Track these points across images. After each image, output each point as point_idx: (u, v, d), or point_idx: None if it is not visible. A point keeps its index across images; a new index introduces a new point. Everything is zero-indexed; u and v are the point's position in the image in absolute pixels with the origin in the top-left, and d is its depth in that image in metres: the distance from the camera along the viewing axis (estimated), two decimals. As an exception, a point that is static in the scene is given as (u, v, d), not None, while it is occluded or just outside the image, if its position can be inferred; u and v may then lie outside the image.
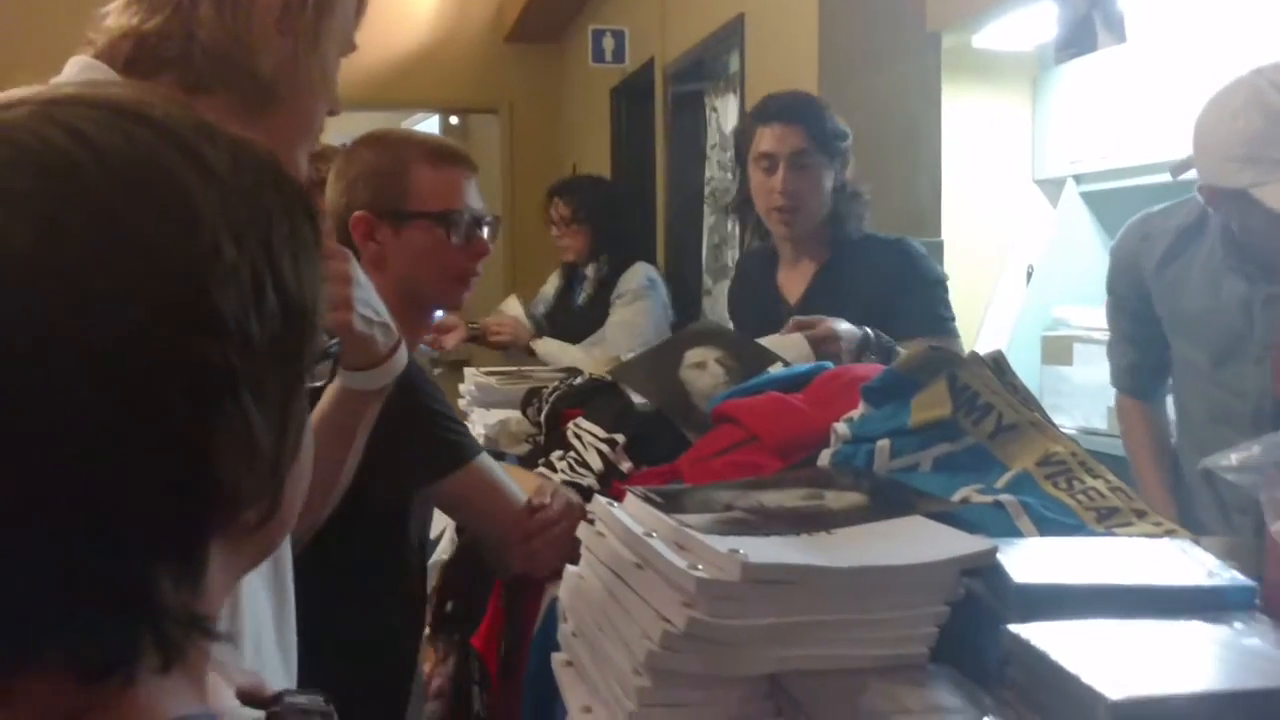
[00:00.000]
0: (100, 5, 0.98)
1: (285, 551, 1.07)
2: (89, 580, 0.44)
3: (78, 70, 0.94)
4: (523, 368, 2.73)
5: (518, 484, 1.53)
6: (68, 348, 0.44)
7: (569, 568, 1.15)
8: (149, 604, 0.46)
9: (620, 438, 1.66)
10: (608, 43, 4.54)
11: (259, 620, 1.00)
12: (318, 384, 0.59)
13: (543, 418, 1.91)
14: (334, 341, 0.57)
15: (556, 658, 1.11)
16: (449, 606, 1.85)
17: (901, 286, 2.11)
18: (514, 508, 1.48)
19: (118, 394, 0.44)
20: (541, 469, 1.72)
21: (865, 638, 0.89)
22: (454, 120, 6.26)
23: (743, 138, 2.25)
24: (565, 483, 1.64)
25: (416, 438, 1.42)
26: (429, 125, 6.20)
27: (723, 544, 0.90)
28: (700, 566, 0.87)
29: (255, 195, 0.51)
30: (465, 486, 1.47)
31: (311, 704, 0.87)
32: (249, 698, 0.83)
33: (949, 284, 2.21)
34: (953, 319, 2.17)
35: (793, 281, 2.25)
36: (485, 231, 1.60)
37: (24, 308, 0.43)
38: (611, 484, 1.60)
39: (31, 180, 0.45)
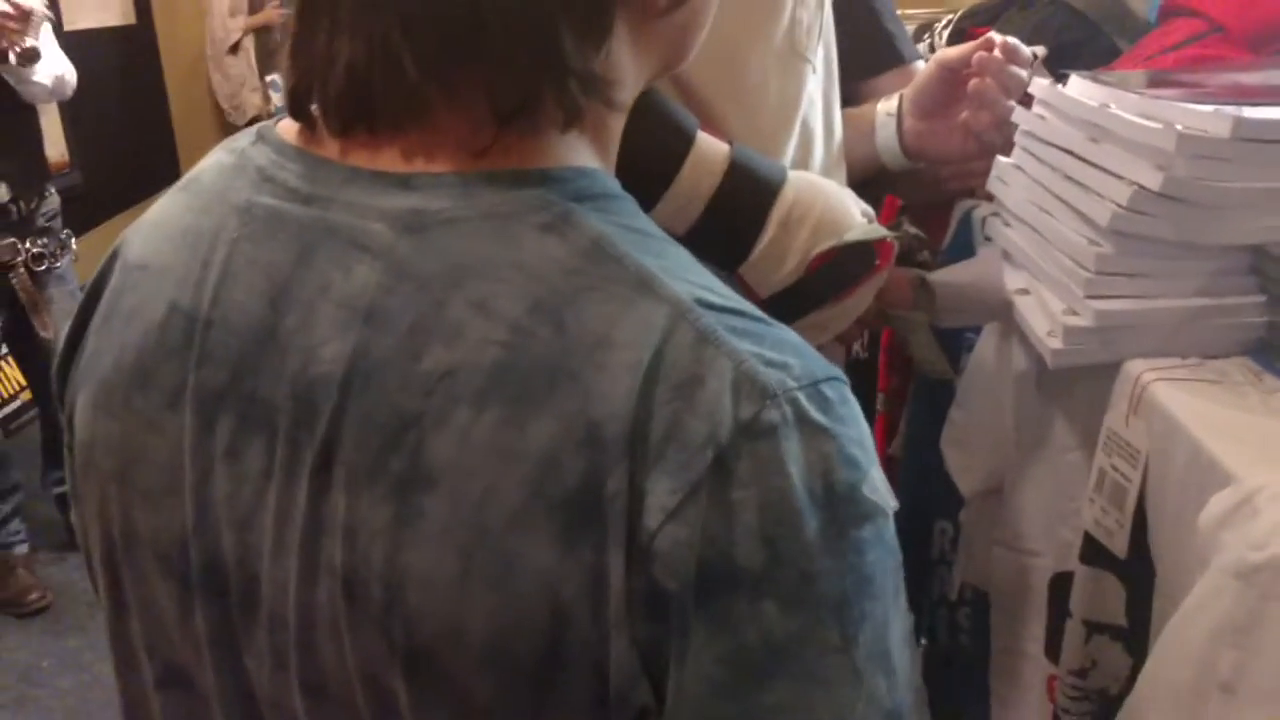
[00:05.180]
0: None
1: None
2: (503, 17, 0.48)
3: None
4: None
5: None
6: None
7: (1000, 159, 1.08)
8: (552, 54, 0.49)
9: (1041, 50, 1.51)
10: None
11: None
12: None
13: (944, 38, 1.77)
14: None
15: (987, 249, 1.07)
16: None
17: None
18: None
19: None
20: None
21: (1376, 210, 0.78)
22: None
23: None
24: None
25: (851, 28, 1.17)
26: None
27: (1204, 109, 0.80)
28: (1179, 125, 0.78)
29: None
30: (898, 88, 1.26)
31: (920, 234, 1.09)
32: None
33: None
34: None
35: None
36: None
37: None
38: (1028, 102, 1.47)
39: None
